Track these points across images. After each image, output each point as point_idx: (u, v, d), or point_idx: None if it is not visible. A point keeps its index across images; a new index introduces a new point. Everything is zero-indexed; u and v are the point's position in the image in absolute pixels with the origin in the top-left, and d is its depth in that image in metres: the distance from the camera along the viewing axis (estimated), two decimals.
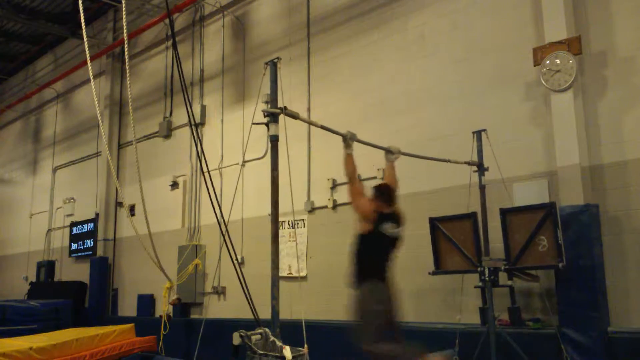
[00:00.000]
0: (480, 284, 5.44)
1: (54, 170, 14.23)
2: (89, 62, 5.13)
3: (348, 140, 4.54)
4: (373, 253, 4.50)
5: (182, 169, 10.26)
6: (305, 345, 3.52)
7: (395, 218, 4.64)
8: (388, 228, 4.50)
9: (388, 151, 5.16)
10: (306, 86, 8.26)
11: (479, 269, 5.39)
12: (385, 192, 4.67)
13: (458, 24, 6.73)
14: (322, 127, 4.36)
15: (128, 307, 11.04)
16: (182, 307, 9.50)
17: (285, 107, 3.82)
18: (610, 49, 5.54)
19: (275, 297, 3.62)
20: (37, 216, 14.48)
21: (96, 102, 5.23)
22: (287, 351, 3.37)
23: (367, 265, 4.49)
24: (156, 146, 10.97)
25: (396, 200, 4.75)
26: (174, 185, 10.31)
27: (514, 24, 6.22)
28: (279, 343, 3.44)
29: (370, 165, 7.27)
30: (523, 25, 6.13)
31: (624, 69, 5.45)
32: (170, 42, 11.00)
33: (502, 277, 5.48)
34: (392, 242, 4.60)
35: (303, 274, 7.85)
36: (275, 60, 3.90)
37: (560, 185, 5.50)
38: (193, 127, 5.00)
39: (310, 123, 4.53)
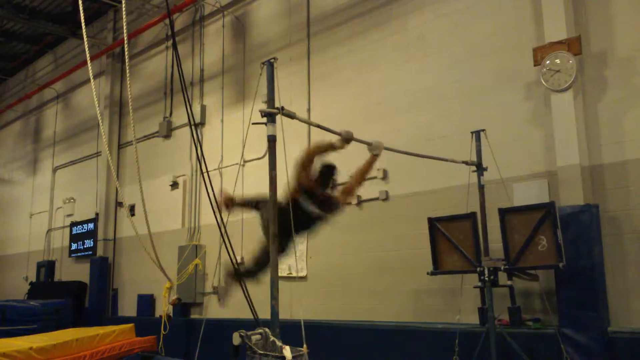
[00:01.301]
0: (479, 284, 5.44)
1: (54, 170, 14.23)
2: (89, 62, 5.14)
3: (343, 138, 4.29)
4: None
5: (182, 169, 10.27)
6: (305, 345, 3.52)
7: (322, 201, 4.31)
8: (307, 206, 4.20)
9: (369, 144, 4.68)
10: (306, 86, 8.25)
11: (478, 269, 5.38)
12: (325, 174, 4.39)
13: (458, 24, 6.73)
14: (319, 127, 4.34)
15: (128, 307, 11.04)
16: (182, 307, 9.50)
17: (282, 107, 3.82)
18: (610, 49, 5.54)
19: (275, 297, 3.62)
20: (37, 216, 14.48)
21: (96, 102, 5.24)
22: (287, 351, 3.37)
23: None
24: (156, 146, 10.97)
25: (331, 185, 4.43)
26: (174, 185, 10.32)
27: (514, 24, 6.22)
28: (278, 343, 3.43)
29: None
30: (523, 25, 6.13)
31: (624, 69, 5.45)
32: (170, 42, 11.00)
33: (502, 277, 5.49)
34: (308, 218, 4.28)
35: (303, 274, 7.85)
36: (272, 60, 3.90)
37: (560, 185, 5.50)
38: (193, 127, 5.00)
39: (307, 122, 4.51)
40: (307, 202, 4.24)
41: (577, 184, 5.36)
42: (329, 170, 4.45)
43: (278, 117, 3.78)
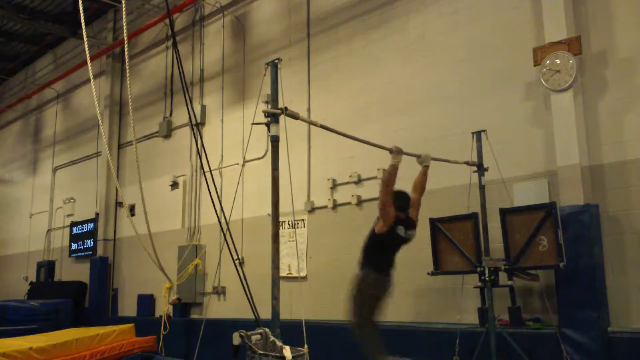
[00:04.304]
0: (480, 284, 5.44)
1: (54, 170, 14.23)
2: (89, 62, 5.14)
3: (394, 153, 4.81)
4: (383, 250, 4.84)
5: (182, 169, 10.27)
6: (305, 345, 3.52)
7: (408, 223, 4.86)
8: (401, 231, 4.76)
9: (417, 156, 5.29)
10: (306, 86, 8.25)
11: (479, 269, 5.38)
12: (403, 200, 4.89)
13: (458, 24, 6.73)
14: (322, 127, 4.35)
15: (128, 307, 11.04)
16: (182, 307, 9.50)
17: (286, 108, 3.82)
18: (610, 49, 5.54)
19: (275, 297, 3.62)
20: (37, 216, 14.48)
21: (96, 102, 5.24)
22: (287, 351, 3.37)
23: (374, 258, 4.83)
24: (156, 146, 10.97)
25: (409, 207, 4.95)
26: (174, 185, 10.31)
27: (514, 24, 6.22)
28: (279, 343, 3.44)
29: (371, 165, 7.28)
30: (523, 25, 6.13)
31: (624, 69, 5.45)
32: (170, 42, 11.00)
33: (502, 277, 5.49)
34: (402, 242, 4.89)
35: (303, 274, 7.85)
36: (276, 61, 3.90)
37: (560, 185, 5.50)
38: (194, 127, 5.00)
39: (310, 123, 4.52)
40: (402, 230, 4.75)
41: (577, 184, 5.36)
42: (402, 195, 4.91)
43: (281, 118, 3.79)
